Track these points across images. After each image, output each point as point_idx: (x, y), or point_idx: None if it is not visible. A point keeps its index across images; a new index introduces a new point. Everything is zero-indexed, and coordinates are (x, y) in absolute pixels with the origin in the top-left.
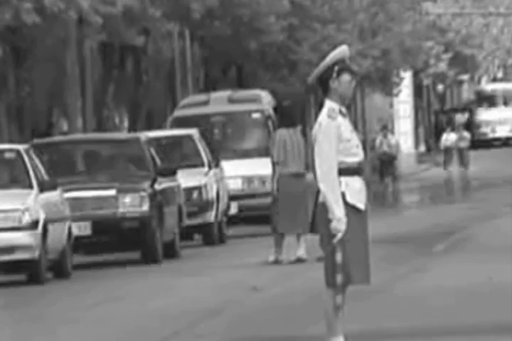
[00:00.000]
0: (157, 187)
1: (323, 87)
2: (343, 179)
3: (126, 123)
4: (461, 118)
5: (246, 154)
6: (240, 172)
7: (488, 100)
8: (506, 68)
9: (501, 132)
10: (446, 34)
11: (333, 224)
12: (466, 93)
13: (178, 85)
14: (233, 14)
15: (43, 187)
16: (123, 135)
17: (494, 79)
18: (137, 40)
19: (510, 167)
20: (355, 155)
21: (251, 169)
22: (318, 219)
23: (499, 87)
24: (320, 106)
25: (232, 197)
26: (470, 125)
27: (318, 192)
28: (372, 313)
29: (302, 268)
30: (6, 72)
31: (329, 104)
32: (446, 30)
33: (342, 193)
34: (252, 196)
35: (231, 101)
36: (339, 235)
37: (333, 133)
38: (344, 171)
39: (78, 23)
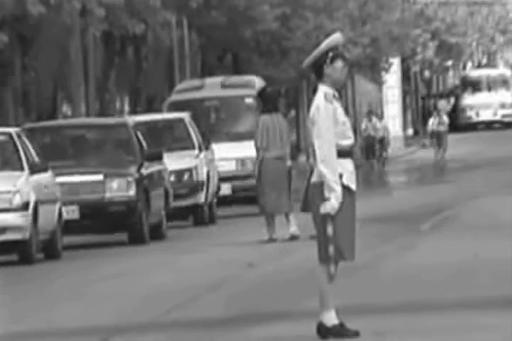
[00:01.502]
0: (144, 171)
1: (317, 72)
2: (339, 161)
3: (127, 108)
4: (444, 103)
5: (239, 137)
6: (233, 154)
7: (473, 85)
8: (490, 55)
9: (485, 116)
10: (432, 22)
11: (332, 202)
12: (452, 79)
13: (177, 72)
14: (229, 3)
15: (33, 170)
16: (111, 120)
17: (478, 66)
18: (137, 28)
19: (493, 149)
20: (349, 138)
21: (244, 151)
22: (311, 199)
23: (483, 73)
24: (313, 90)
25: (226, 179)
26: (456, 109)
27: (310, 172)
28: (359, 289)
29: (296, 246)
30: (12, 59)
31: (324, 89)
32: (433, 18)
33: (340, 174)
34: (245, 177)
35: (224, 86)
36: (331, 211)
37: (331, 116)
38: (339, 153)
39: (82, 13)
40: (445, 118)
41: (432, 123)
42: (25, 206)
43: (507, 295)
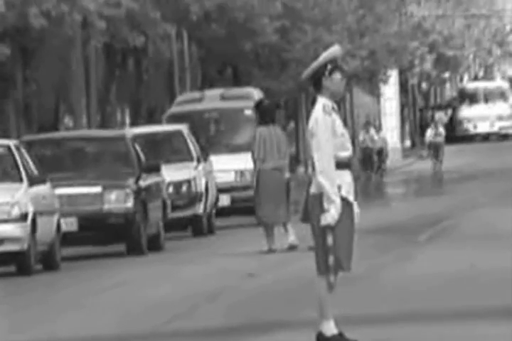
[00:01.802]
0: (142, 183)
1: (315, 84)
2: (337, 172)
3: (128, 119)
4: (441, 115)
5: (238, 148)
6: (232, 165)
7: (470, 98)
8: (487, 67)
9: (482, 128)
10: (430, 35)
11: (332, 213)
12: (449, 91)
13: (177, 84)
14: (228, 16)
15: (32, 182)
16: (109, 132)
17: (475, 78)
18: (137, 40)
19: (490, 160)
20: (347, 150)
21: (243, 163)
22: (310, 210)
23: (480, 85)
24: (312, 102)
25: (225, 190)
26: (453, 121)
27: (309, 183)
28: (358, 299)
29: (295, 256)
30: (14, 71)
31: (322, 101)
32: (430, 31)
33: (338, 186)
34: (244, 188)
35: (223, 98)
36: (332, 222)
37: (330, 128)
38: (338, 165)
39: (83, 25)
40: (441, 130)
41: (430, 134)
42: (23, 217)
43: (505, 305)
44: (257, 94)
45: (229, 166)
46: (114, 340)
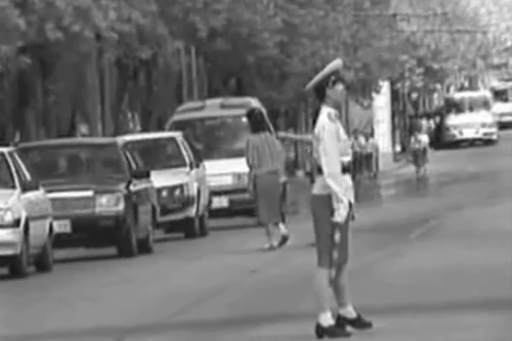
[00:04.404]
0: (132, 188)
1: (319, 94)
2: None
3: (139, 127)
4: (424, 123)
5: (236, 153)
6: (231, 169)
7: (456, 106)
8: (471, 79)
9: (468, 134)
10: (419, 48)
11: (341, 212)
12: (437, 100)
13: (185, 94)
14: (233, 32)
15: (25, 188)
16: (101, 140)
17: (461, 88)
18: (147, 53)
19: (475, 164)
20: (348, 155)
21: (240, 167)
22: (312, 209)
23: (466, 95)
24: (316, 112)
25: (224, 192)
26: (440, 128)
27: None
28: (352, 292)
29: (294, 253)
30: (34, 83)
31: (327, 109)
32: (419, 45)
33: (345, 189)
34: (242, 191)
35: (223, 106)
36: (341, 220)
37: (335, 134)
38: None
39: (97, 40)
40: (421, 137)
41: (412, 141)
42: (16, 223)
43: (488, 297)
44: (254, 103)
45: (227, 170)
46: (123, 332)
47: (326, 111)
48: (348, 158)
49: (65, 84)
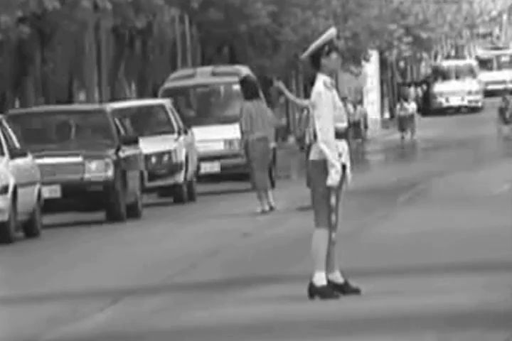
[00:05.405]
0: (121, 154)
1: (314, 63)
2: (336, 142)
3: (134, 94)
4: (412, 91)
5: (227, 120)
6: (222, 135)
7: (443, 75)
8: (458, 47)
9: (454, 101)
10: (406, 18)
11: (333, 176)
12: (424, 68)
13: (179, 62)
14: (226, 2)
15: (13, 154)
16: (90, 106)
17: (448, 57)
18: (142, 22)
19: (460, 131)
20: (344, 122)
21: (231, 133)
22: (310, 174)
23: (452, 63)
24: (312, 80)
25: (215, 157)
26: (428, 96)
27: (307, 152)
28: (341, 255)
29: (285, 217)
30: (32, 52)
31: (322, 77)
32: (407, 14)
33: (339, 153)
34: (233, 156)
35: (214, 74)
36: (333, 184)
37: (331, 101)
38: (336, 135)
39: (94, 9)
40: (407, 105)
41: (397, 108)
42: (4, 189)
43: (470, 261)
44: (245, 70)
45: (219, 136)
46: (121, 293)
47: (321, 79)
48: (343, 124)
49: (63, 52)
